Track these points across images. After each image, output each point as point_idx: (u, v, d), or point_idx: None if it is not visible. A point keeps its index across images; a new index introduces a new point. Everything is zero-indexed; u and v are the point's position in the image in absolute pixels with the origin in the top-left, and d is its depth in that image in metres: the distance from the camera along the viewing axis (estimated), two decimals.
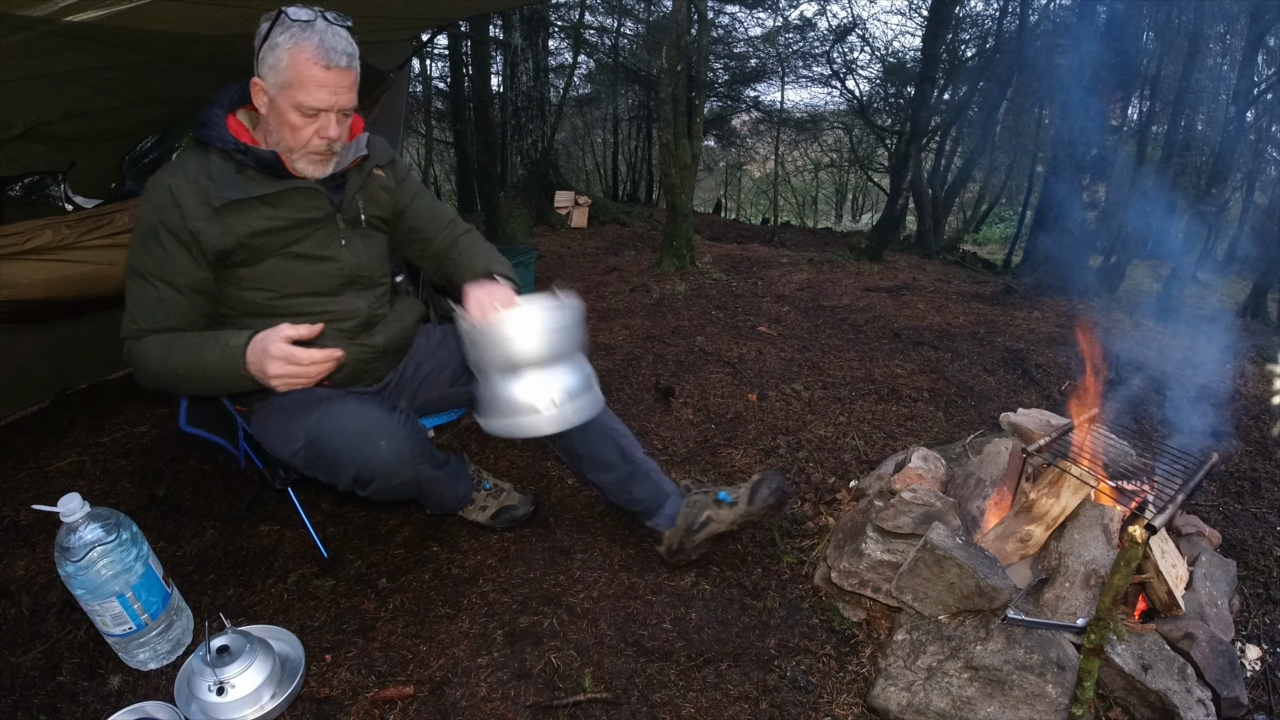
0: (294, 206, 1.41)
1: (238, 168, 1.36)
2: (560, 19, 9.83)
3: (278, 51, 1.27)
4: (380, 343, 1.55)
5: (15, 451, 2.30)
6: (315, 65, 1.26)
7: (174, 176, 1.34)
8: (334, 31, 1.28)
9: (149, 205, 1.34)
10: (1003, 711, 1.28)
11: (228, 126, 1.37)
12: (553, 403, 1.40)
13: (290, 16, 1.27)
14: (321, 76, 1.27)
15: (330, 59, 1.27)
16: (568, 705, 1.33)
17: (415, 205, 1.64)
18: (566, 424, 1.45)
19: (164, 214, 1.32)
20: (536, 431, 1.43)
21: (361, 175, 1.50)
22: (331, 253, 1.47)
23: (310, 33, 1.26)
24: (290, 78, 1.27)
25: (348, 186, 1.48)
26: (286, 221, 1.40)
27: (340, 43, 1.28)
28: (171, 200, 1.32)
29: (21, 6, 1.45)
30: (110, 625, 1.35)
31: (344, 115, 1.35)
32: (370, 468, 1.36)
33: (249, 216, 1.37)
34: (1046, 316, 4.14)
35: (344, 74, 1.30)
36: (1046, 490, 1.55)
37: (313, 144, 1.34)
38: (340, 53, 1.28)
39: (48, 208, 2.05)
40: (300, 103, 1.28)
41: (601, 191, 12.55)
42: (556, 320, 1.41)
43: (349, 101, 1.34)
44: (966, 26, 9.62)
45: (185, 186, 1.33)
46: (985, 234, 13.42)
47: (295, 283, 1.44)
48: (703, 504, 1.66)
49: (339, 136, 1.35)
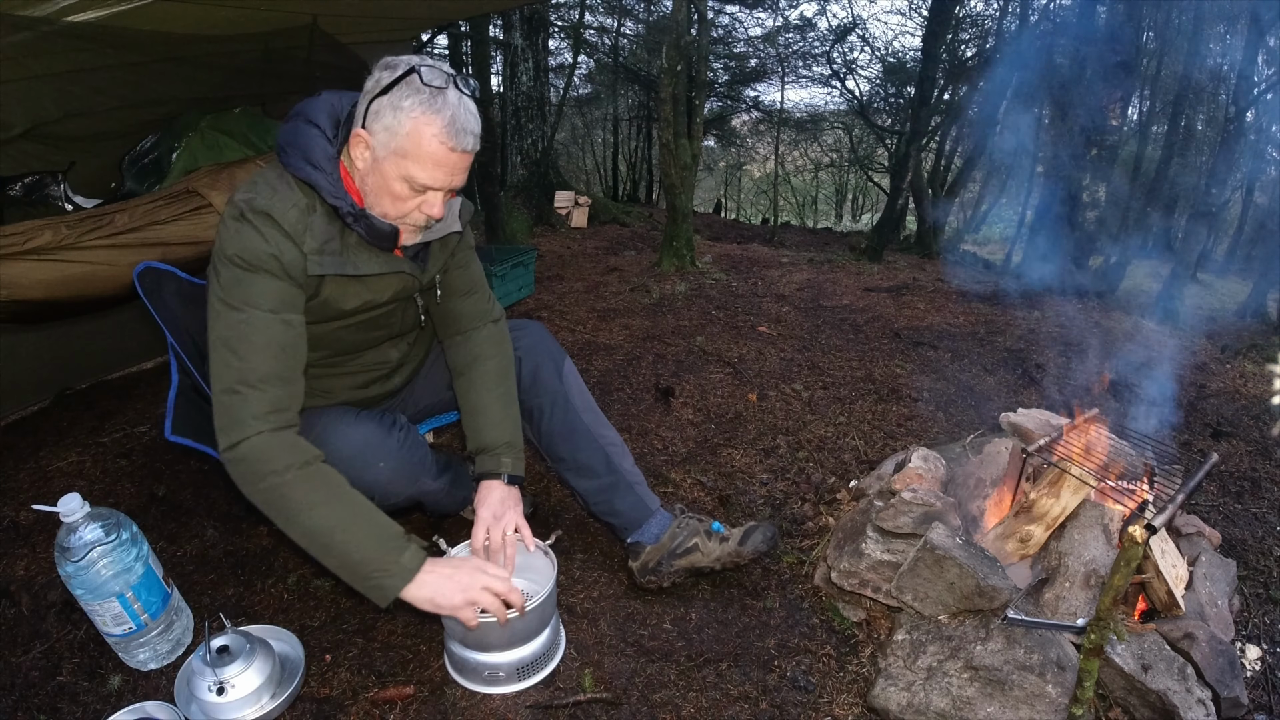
0: (390, 288, 1.31)
1: (341, 229, 1.20)
2: (560, 19, 9.84)
3: (400, 115, 1.10)
4: (398, 384, 1.54)
5: (15, 451, 2.30)
6: (442, 145, 1.12)
7: (283, 207, 1.14)
8: (466, 107, 1.13)
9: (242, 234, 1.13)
10: (1003, 711, 1.28)
11: (342, 177, 1.19)
12: (516, 674, 1.36)
13: (423, 79, 1.10)
14: (444, 157, 1.13)
15: (459, 141, 1.13)
16: (568, 705, 1.33)
17: (459, 269, 1.49)
18: (525, 685, 1.37)
19: (275, 247, 1.13)
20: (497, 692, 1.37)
21: (446, 251, 1.40)
22: (391, 321, 1.41)
23: (443, 105, 1.10)
24: (408, 147, 1.12)
25: (430, 263, 1.37)
26: (375, 304, 1.30)
27: (471, 122, 1.14)
28: (281, 233, 1.14)
29: (21, 6, 1.45)
30: (110, 625, 1.35)
31: (452, 194, 1.23)
32: (369, 489, 1.33)
33: (340, 292, 1.24)
34: (1046, 316, 4.14)
35: (467, 156, 1.16)
36: (1046, 490, 1.55)
37: (412, 217, 1.21)
38: (469, 134, 1.14)
39: (48, 208, 2.05)
40: (412, 177, 1.14)
41: (601, 191, 12.55)
42: (539, 614, 1.35)
43: (462, 182, 1.21)
44: (966, 26, 9.62)
45: (296, 223, 1.15)
46: (985, 234, 13.41)
47: (344, 345, 1.38)
48: (692, 530, 1.61)
49: (443, 216, 1.23)
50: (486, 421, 1.48)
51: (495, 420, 1.49)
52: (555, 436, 1.60)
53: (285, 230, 1.14)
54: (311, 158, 1.16)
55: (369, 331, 1.38)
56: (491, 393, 1.50)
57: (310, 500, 1.14)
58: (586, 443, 1.59)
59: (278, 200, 1.15)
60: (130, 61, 1.92)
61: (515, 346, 1.60)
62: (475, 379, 1.50)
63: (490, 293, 1.58)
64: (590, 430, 1.60)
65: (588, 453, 1.60)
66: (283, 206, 1.15)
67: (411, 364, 1.56)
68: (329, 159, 1.18)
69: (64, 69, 1.84)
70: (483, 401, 1.49)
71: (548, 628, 1.40)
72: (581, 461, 1.60)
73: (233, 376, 1.13)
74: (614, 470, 1.60)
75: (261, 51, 2.19)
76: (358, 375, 1.45)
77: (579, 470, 1.62)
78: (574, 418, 1.59)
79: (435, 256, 1.38)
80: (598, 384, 2.82)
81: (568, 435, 1.59)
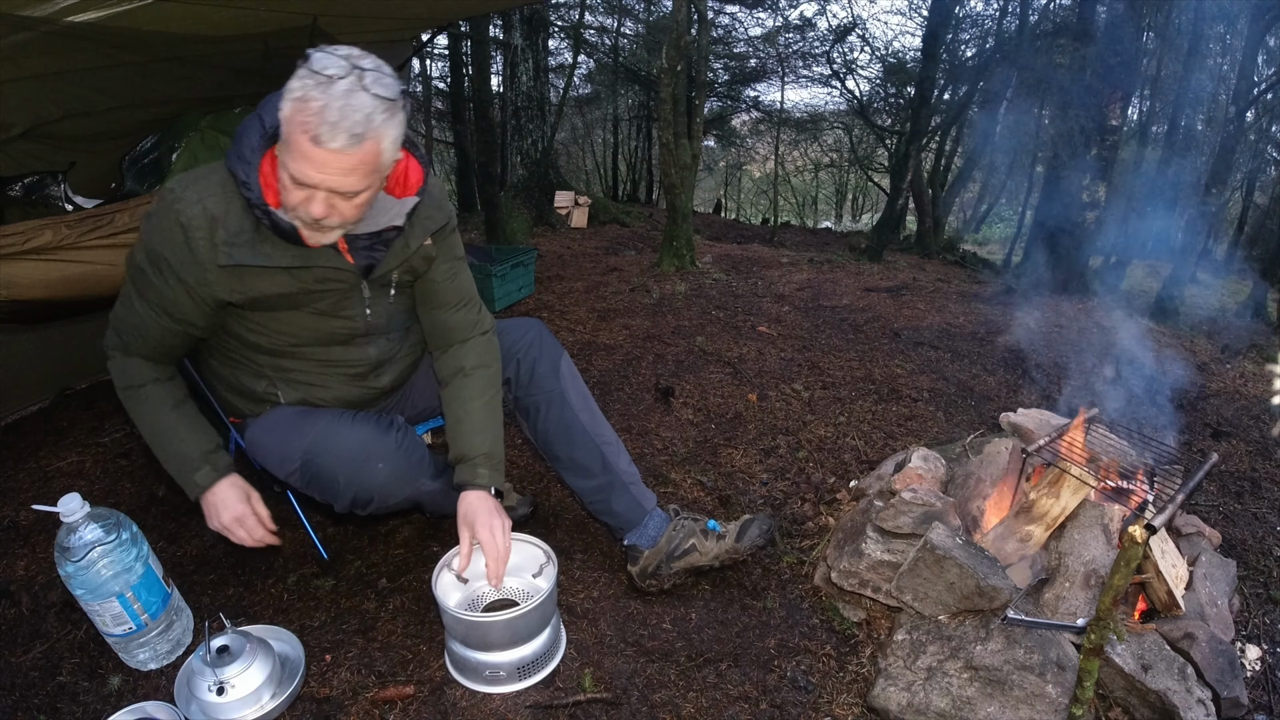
0: (314, 277, 1.26)
1: (255, 224, 1.18)
2: (560, 19, 9.83)
3: (284, 102, 1.04)
4: (387, 383, 1.50)
5: (15, 451, 2.30)
6: (304, 136, 1.02)
7: (190, 209, 1.15)
8: (351, 102, 1.02)
9: (156, 230, 1.18)
10: (1003, 711, 1.28)
11: (260, 169, 1.15)
12: (516, 674, 1.36)
13: (313, 65, 1.03)
14: (309, 150, 1.03)
15: (322, 134, 1.01)
16: (568, 705, 1.33)
17: (443, 274, 1.44)
18: (525, 685, 1.38)
19: (169, 251, 1.17)
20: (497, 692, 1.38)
21: (406, 252, 1.33)
22: (351, 314, 1.36)
23: (321, 94, 1.01)
24: (285, 135, 1.06)
25: (385, 260, 1.31)
26: (303, 289, 1.27)
27: (350, 118, 1.02)
28: (183, 240, 1.16)
29: (21, 6, 1.45)
30: (110, 625, 1.35)
31: (344, 196, 1.11)
32: (368, 490, 1.35)
33: (261, 280, 1.23)
34: (1046, 316, 4.14)
35: (338, 155, 1.03)
36: (1046, 490, 1.55)
37: (297, 212, 1.13)
38: (342, 131, 1.01)
39: (48, 208, 2.04)
40: (287, 167, 1.08)
41: (601, 191, 12.55)
42: (539, 613, 1.35)
43: (343, 185, 1.08)
44: (966, 26, 9.62)
45: (200, 227, 1.15)
46: (985, 234, 13.42)
47: (306, 334, 1.35)
48: (689, 530, 1.60)
49: (325, 216, 1.12)
50: (467, 430, 1.46)
51: (476, 429, 1.46)
52: (551, 435, 1.59)
53: (183, 224, 1.15)
54: (240, 149, 1.15)
55: (325, 321, 1.34)
56: (475, 402, 1.47)
57: (138, 415, 1.35)
58: (583, 442, 1.59)
59: (190, 193, 1.16)
60: (130, 61, 1.92)
61: (513, 344, 1.59)
62: (460, 388, 1.48)
63: (480, 304, 1.55)
64: (587, 429, 1.59)
65: (584, 452, 1.59)
66: (190, 200, 1.16)
67: (399, 365, 1.53)
68: (254, 150, 1.15)
69: (64, 69, 1.84)
70: (465, 411, 1.46)
71: (548, 628, 1.40)
72: (578, 460, 1.60)
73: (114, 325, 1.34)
74: (610, 470, 1.60)
75: (261, 51, 2.19)
76: (338, 368, 1.42)
77: (575, 469, 1.61)
78: (570, 416, 1.58)
79: (393, 255, 1.31)
80: (598, 384, 2.82)
81: (564, 434, 1.59)
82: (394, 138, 1.10)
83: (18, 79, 1.77)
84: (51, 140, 2.10)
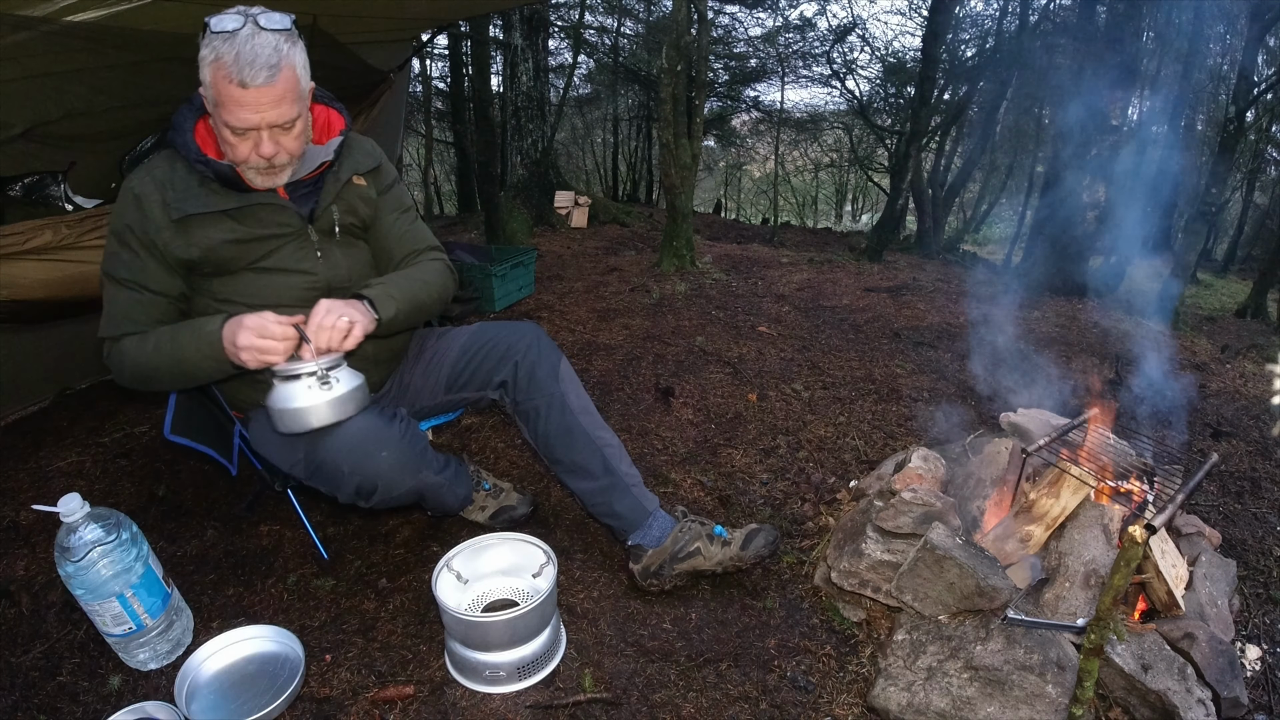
0: (258, 221, 1.37)
1: (200, 179, 1.32)
2: (560, 19, 9.84)
3: (203, 70, 1.19)
4: (370, 351, 1.49)
5: (15, 451, 2.30)
6: (231, 85, 1.16)
7: (141, 181, 1.31)
8: (256, 42, 1.16)
9: (117, 209, 1.33)
10: (1003, 711, 1.28)
11: (194, 133, 1.32)
12: (516, 673, 1.36)
13: (212, 28, 1.17)
14: (240, 95, 1.18)
15: (245, 76, 1.16)
16: (568, 705, 1.33)
17: (389, 224, 1.55)
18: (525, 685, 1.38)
19: (130, 220, 1.31)
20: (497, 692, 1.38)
21: (337, 185, 1.44)
22: (306, 266, 1.43)
23: (229, 46, 1.15)
24: (213, 97, 1.20)
25: (321, 197, 1.42)
26: (251, 235, 1.36)
27: (262, 55, 1.16)
28: (137, 206, 1.30)
29: (21, 6, 1.45)
30: (110, 625, 1.35)
31: (283, 129, 1.26)
32: (372, 480, 1.35)
33: (211, 230, 1.33)
34: (1046, 316, 4.14)
35: (265, 90, 1.18)
36: (1046, 490, 1.55)
37: (251, 160, 1.28)
38: (260, 67, 1.16)
39: (48, 208, 2.05)
40: (226, 122, 1.22)
41: (601, 191, 12.55)
42: (539, 613, 1.35)
43: (280, 117, 1.23)
44: (966, 26, 9.63)
45: (151, 193, 1.30)
46: (985, 234, 13.42)
47: (268, 295, 1.39)
48: (695, 533, 1.61)
49: (275, 153, 1.27)
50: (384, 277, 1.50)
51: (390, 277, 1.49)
52: (552, 438, 1.59)
53: (136, 194, 1.30)
54: (177, 122, 1.32)
55: (284, 277, 1.40)
56: (404, 269, 1.54)
57: (141, 358, 1.34)
58: (583, 444, 1.59)
59: (141, 171, 1.33)
60: (130, 61, 1.92)
61: (510, 347, 1.60)
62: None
63: (432, 244, 1.62)
64: (587, 432, 1.59)
65: (585, 454, 1.59)
66: (140, 175, 1.32)
67: (385, 361, 1.56)
68: (186, 119, 1.32)
69: (64, 69, 1.84)
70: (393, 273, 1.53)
71: (548, 628, 1.40)
72: (579, 463, 1.60)
73: (104, 322, 1.39)
74: (611, 472, 1.60)
75: None
76: None
77: (576, 472, 1.61)
78: (571, 419, 1.58)
79: (326, 191, 1.43)
80: (598, 384, 2.82)
81: (564, 437, 1.59)
82: (302, 62, 1.27)
83: (18, 79, 1.77)
84: (51, 140, 2.10)
